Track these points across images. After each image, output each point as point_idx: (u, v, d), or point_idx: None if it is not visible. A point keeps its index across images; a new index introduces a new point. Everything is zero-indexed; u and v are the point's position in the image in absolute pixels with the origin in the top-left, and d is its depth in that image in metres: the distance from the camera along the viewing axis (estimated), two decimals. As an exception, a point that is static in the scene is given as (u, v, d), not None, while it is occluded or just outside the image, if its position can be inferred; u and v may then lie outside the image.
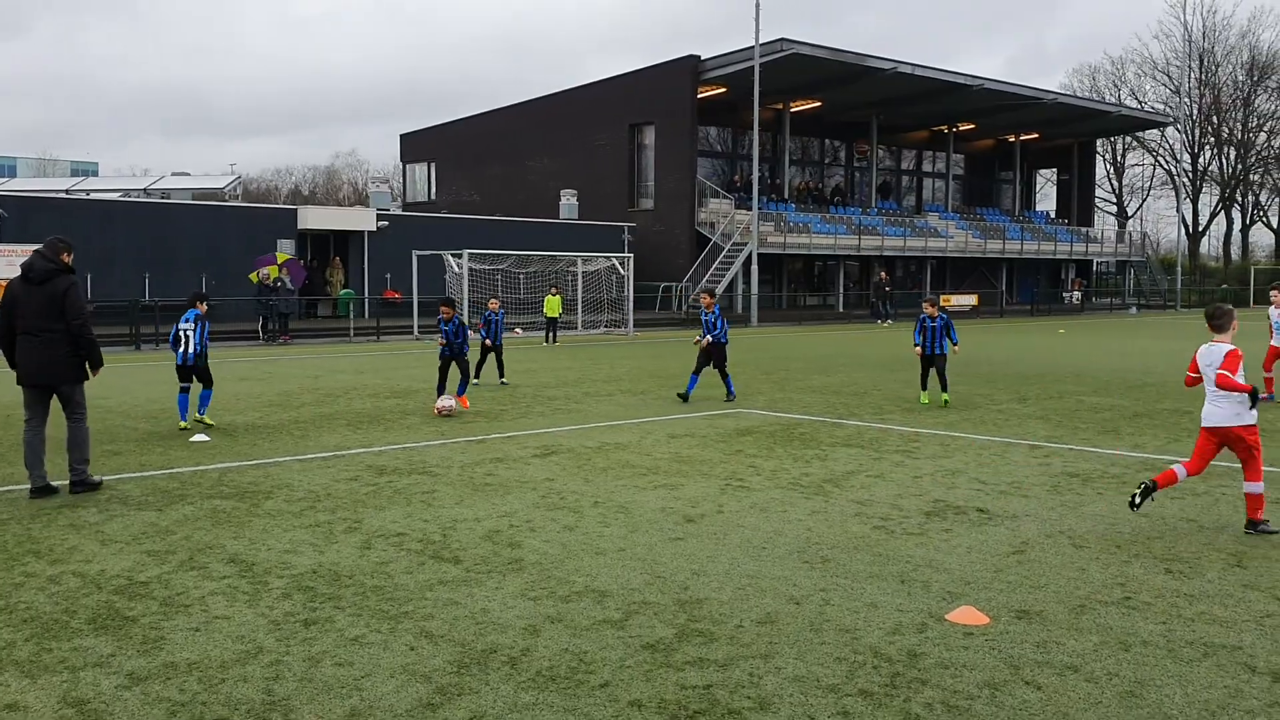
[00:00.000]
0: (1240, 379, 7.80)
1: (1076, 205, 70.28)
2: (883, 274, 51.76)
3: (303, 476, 10.15)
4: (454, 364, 15.65)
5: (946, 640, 5.55)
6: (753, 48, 44.04)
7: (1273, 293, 15.70)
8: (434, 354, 16.58)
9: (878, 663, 5.23)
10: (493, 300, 20.25)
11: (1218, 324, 8.15)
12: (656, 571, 6.84)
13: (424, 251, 36.24)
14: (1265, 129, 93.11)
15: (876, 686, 4.93)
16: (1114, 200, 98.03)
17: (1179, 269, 71.42)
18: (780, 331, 39.40)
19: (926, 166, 66.76)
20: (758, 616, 5.93)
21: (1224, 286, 71.55)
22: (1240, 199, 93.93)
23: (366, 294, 41.07)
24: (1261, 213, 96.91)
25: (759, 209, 46.27)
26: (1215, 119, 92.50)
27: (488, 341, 19.13)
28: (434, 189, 64.11)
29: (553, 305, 31.90)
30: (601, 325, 38.76)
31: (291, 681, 4.99)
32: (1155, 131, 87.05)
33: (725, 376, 16.38)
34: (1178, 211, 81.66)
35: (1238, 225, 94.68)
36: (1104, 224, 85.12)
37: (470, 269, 34.59)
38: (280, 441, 12.34)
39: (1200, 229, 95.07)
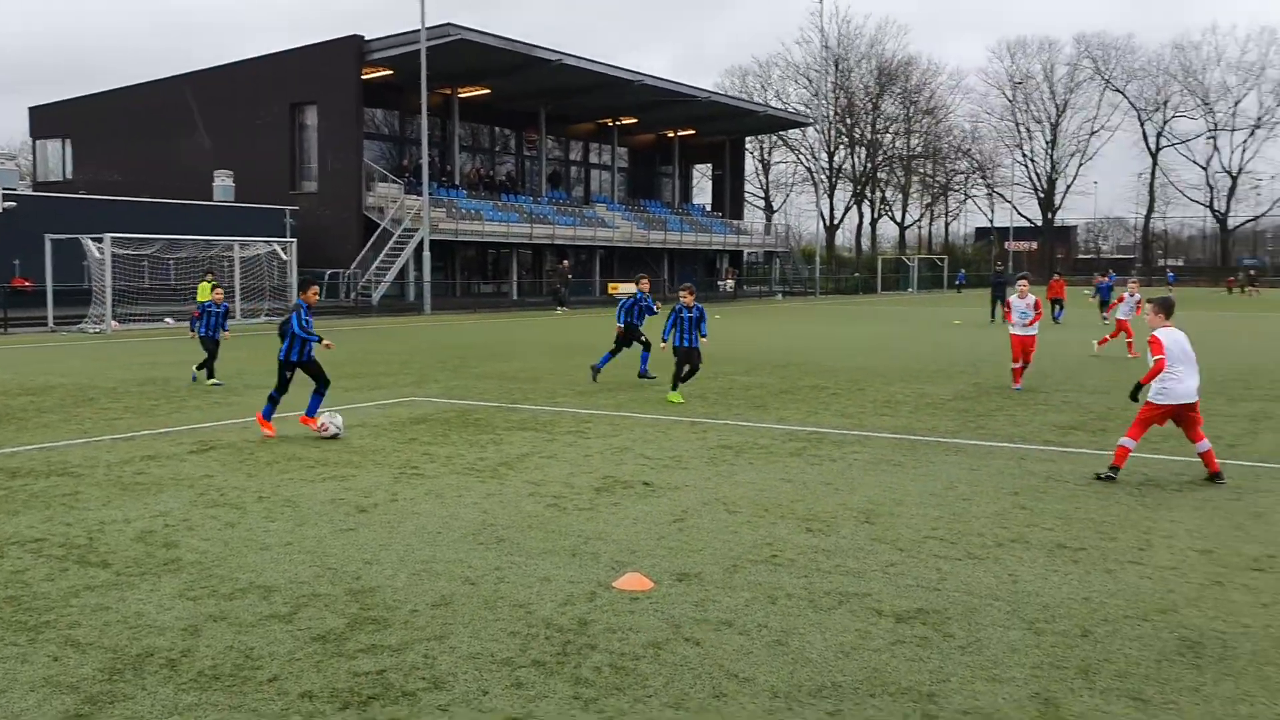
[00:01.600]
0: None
1: (729, 199, 74.65)
2: (565, 262, 52.81)
3: (-85, 484, 9.05)
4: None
5: (614, 606, 5.82)
6: (419, 31, 43.44)
7: (1020, 284, 16.52)
8: (76, 344, 15.18)
9: (550, 633, 5.40)
10: (217, 289, 18.46)
11: (1171, 312, 9.50)
12: (326, 563, 6.68)
13: (59, 235, 33.06)
14: (890, 131, 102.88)
15: (549, 656, 5.09)
16: (762, 195, 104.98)
17: (818, 259, 77.62)
18: (455, 319, 39.24)
19: (593, 158, 68.60)
20: (432, 600, 5.95)
21: (856, 275, 78.50)
22: (870, 195, 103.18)
23: (-11, 282, 36.94)
24: (888, 208, 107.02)
25: (430, 195, 45.78)
26: (849, 121, 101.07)
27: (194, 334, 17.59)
28: (70, 167, 58.58)
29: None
30: (263, 314, 36.96)
31: (-91, 708, 4.49)
32: (798, 131, 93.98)
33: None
34: (817, 206, 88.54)
35: (868, 219, 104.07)
36: (753, 217, 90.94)
37: (114, 254, 31.92)
38: (-115, 447, 10.92)
39: (836, 222, 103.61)
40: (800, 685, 4.76)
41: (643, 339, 17.83)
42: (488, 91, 55.01)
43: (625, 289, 57.31)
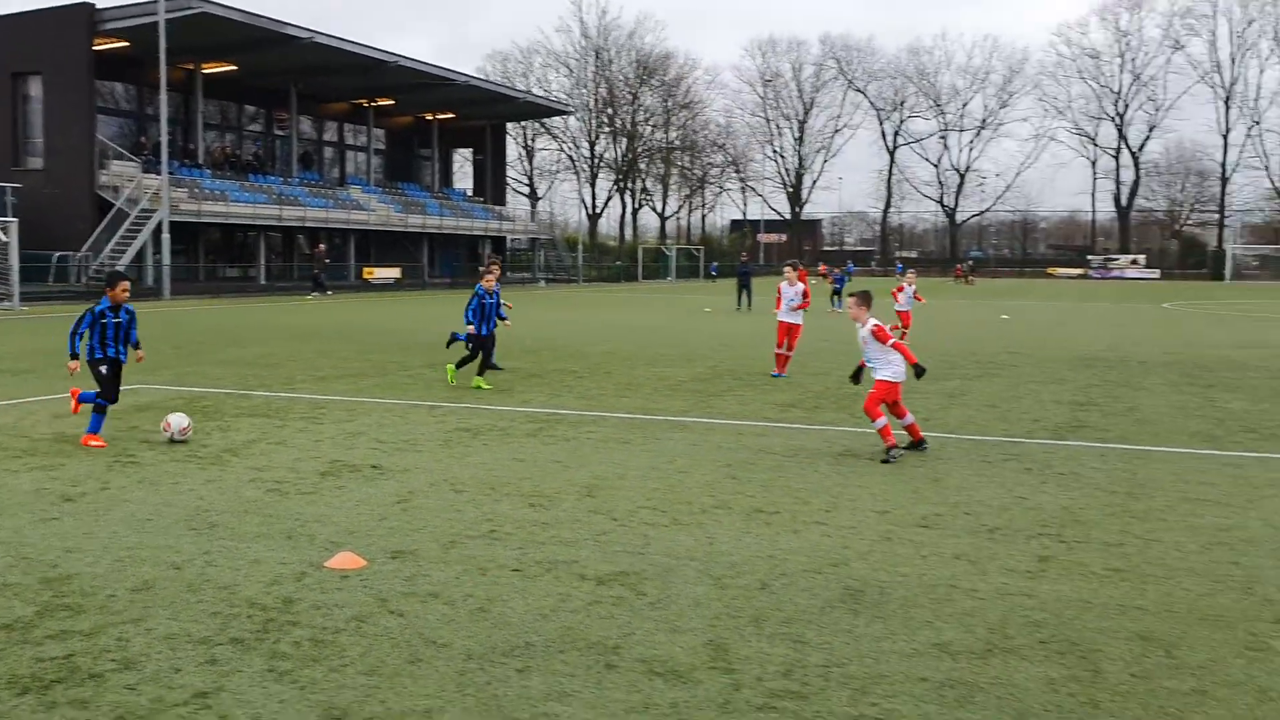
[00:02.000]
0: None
1: (491, 185, 74.43)
2: (321, 246, 51.24)
3: None
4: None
5: (323, 585, 5.90)
6: (158, 2, 41.06)
7: (786, 270, 16.41)
8: None
9: (252, 612, 5.44)
10: None
11: (871, 303, 10.18)
12: (22, 553, 6.42)
13: None
14: (650, 123, 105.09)
15: (248, 633, 5.14)
16: (526, 181, 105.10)
17: (581, 247, 78.57)
18: (196, 304, 37.45)
19: (349, 139, 66.80)
20: (133, 585, 5.84)
21: (618, 263, 79.98)
22: (630, 185, 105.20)
23: None
24: (649, 198, 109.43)
25: (170, 174, 43.42)
26: (610, 110, 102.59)
27: None
28: None
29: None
30: (-21, 299, 34.10)
31: None
32: (561, 119, 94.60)
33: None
34: (579, 194, 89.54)
35: (630, 208, 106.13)
36: (518, 204, 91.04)
37: None
38: None
39: (598, 211, 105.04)
40: (495, 647, 5.01)
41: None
42: (234, 68, 52.65)
43: (382, 273, 56.36)
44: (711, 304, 41.96)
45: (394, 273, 57.55)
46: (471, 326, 14.76)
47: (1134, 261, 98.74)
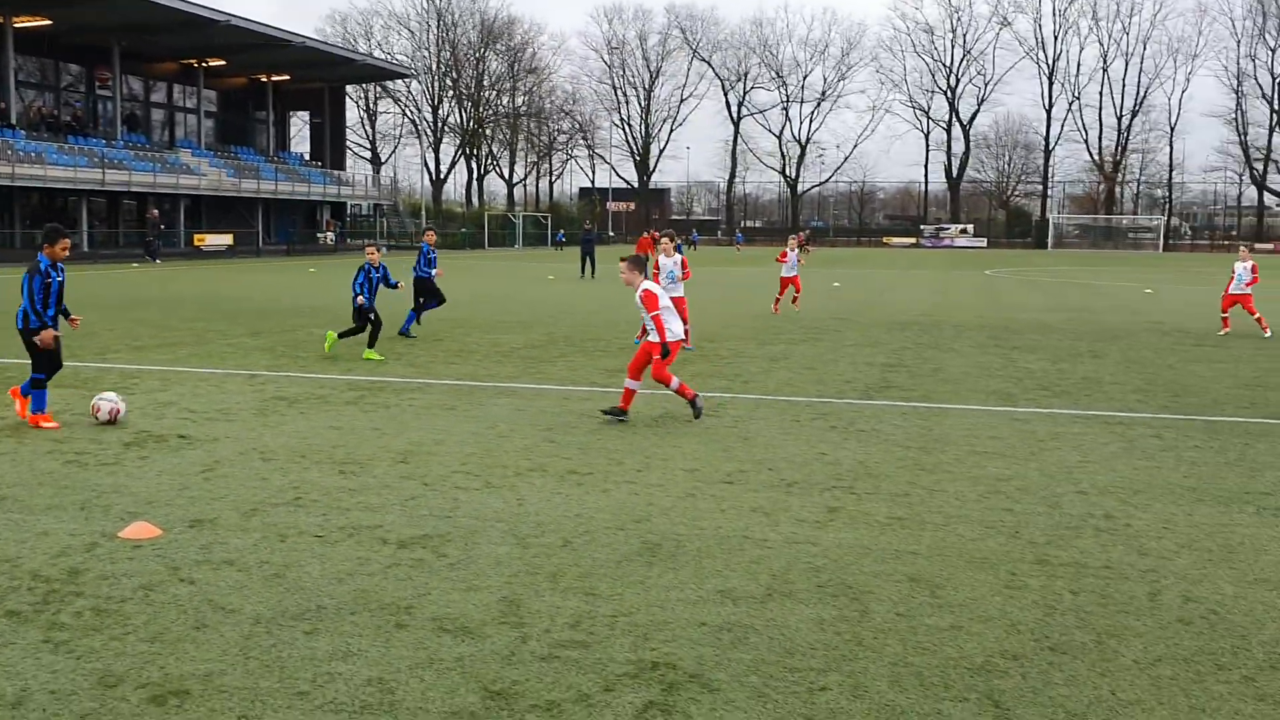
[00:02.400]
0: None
1: (330, 149, 72.41)
2: (154, 211, 49.06)
3: None
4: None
5: (113, 555, 5.77)
6: (-44, -53, 38.36)
7: (663, 241, 16.00)
8: None
9: (34, 584, 5.29)
10: None
11: (644, 269, 10.13)
12: None
13: None
14: (495, 88, 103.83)
15: (26, 606, 5.00)
16: (369, 146, 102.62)
17: (424, 213, 77.29)
18: (14, 273, 35.36)
19: (179, 101, 63.96)
20: (-95, 561, 5.60)
21: (464, 230, 79.01)
22: (476, 150, 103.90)
23: None
24: (495, 163, 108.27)
25: (-25, 134, 40.78)
26: (455, 74, 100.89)
27: None
28: None
29: None
30: None
31: None
32: (403, 83, 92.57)
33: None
34: (422, 159, 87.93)
35: (476, 174, 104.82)
36: (359, 168, 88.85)
37: None
38: None
39: (442, 176, 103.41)
40: (285, 611, 5.01)
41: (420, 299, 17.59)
42: (48, 22, 49.67)
43: (214, 240, 54.33)
44: (555, 271, 41.97)
45: (227, 239, 55.53)
46: (361, 299, 14.44)
47: (963, 231, 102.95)
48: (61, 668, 4.33)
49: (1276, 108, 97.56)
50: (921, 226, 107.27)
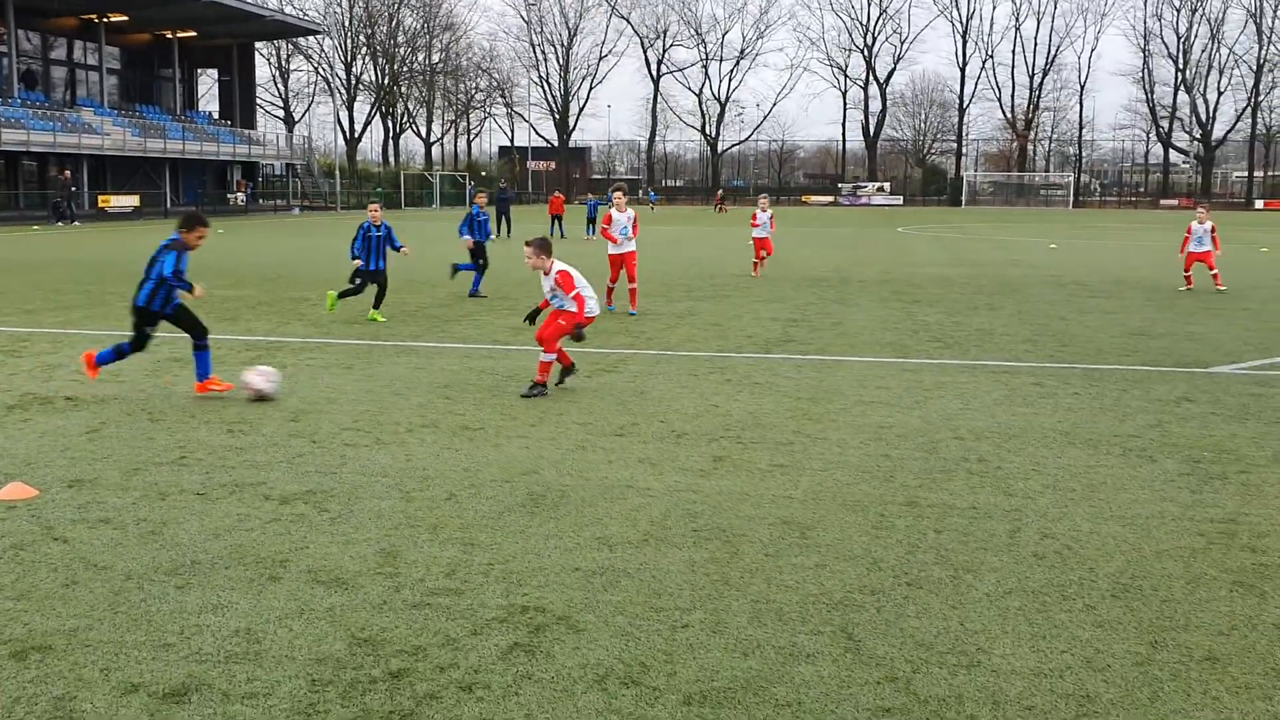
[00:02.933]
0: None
1: (239, 107, 70.58)
2: (65, 172, 47.51)
3: None
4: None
5: (-16, 517, 5.69)
6: None
7: (615, 196, 15.76)
8: None
9: (-102, 548, 5.20)
10: None
11: (550, 251, 9.40)
12: None
13: None
14: (411, 45, 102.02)
15: (-112, 568, 4.93)
16: (281, 104, 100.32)
17: (338, 173, 75.90)
18: (-103, 237, 34.06)
19: (79, 58, 61.76)
20: None
21: (380, 190, 77.78)
22: (391, 109, 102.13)
23: None
24: (411, 121, 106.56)
25: None
26: (369, 30, 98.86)
27: None
28: None
29: None
30: None
31: None
32: (315, 39, 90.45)
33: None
34: (335, 118, 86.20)
35: (392, 133, 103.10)
36: (271, 127, 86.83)
37: None
38: None
39: (357, 135, 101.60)
40: (158, 567, 5.00)
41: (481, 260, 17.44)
42: (-66, -27, 47.51)
43: (119, 201, 52.80)
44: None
45: (133, 201, 53.96)
46: (358, 261, 14.29)
47: (880, 189, 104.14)
48: (-80, 628, 4.29)
49: (1181, 67, 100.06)
50: (839, 185, 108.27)
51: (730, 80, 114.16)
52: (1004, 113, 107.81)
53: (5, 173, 53.05)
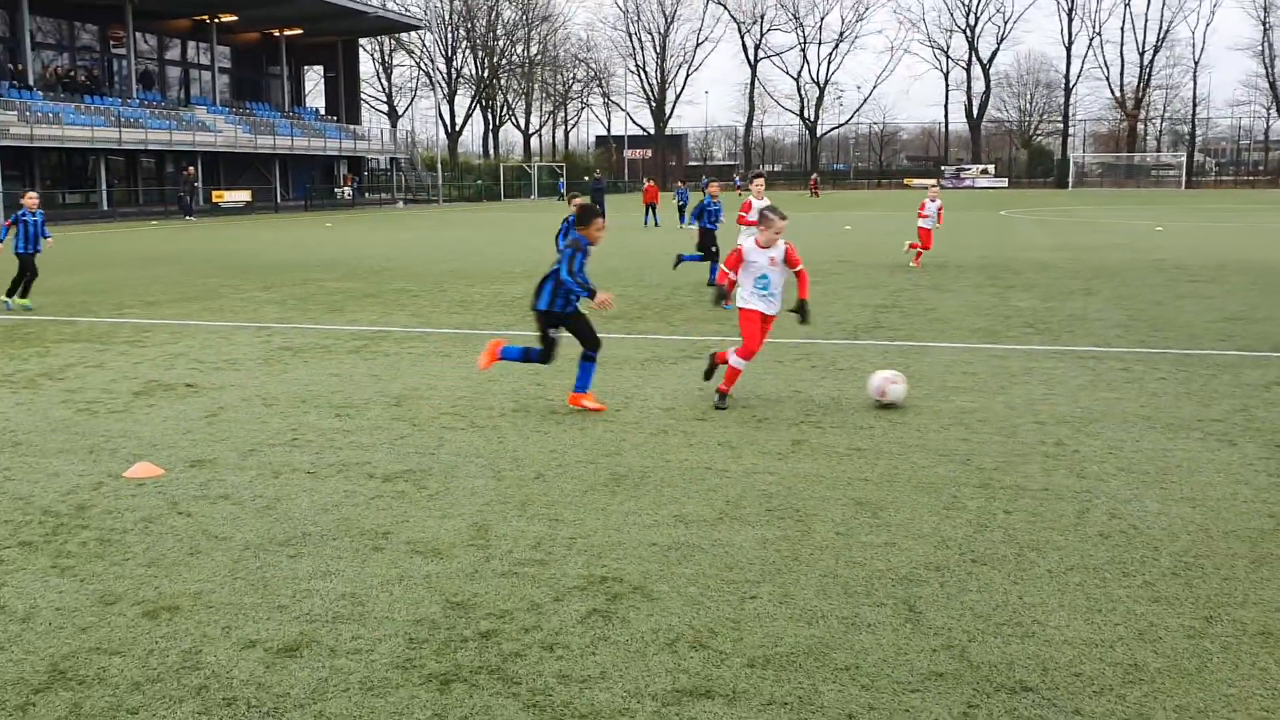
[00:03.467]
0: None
1: (344, 103, 72.52)
2: (189, 169, 49.77)
3: None
4: None
5: (118, 493, 6.24)
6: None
7: (757, 183, 15.20)
8: None
9: (44, 519, 5.76)
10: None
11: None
12: None
13: None
14: (510, 37, 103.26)
15: (38, 537, 5.47)
16: (385, 99, 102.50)
17: (439, 166, 77.40)
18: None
19: (192, 58, 64.18)
20: (-72, 501, 6.08)
21: (480, 182, 79.14)
22: (491, 101, 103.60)
23: None
24: (511, 114, 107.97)
25: (-7, 97, 41.24)
26: (468, 24, 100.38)
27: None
28: None
29: None
30: None
31: None
32: (417, 34, 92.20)
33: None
34: (437, 112, 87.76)
35: (491, 126, 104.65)
36: (375, 122, 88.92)
37: None
38: None
39: (458, 129, 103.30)
40: (273, 538, 5.46)
41: (714, 248, 17.17)
42: (60, -19, 49.90)
43: (232, 197, 54.79)
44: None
45: (244, 196, 56.00)
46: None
47: (984, 171, 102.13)
48: (67, 589, 4.80)
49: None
50: (942, 168, 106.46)
51: (829, 63, 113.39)
52: (1113, 91, 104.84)
53: (126, 170, 55.48)
